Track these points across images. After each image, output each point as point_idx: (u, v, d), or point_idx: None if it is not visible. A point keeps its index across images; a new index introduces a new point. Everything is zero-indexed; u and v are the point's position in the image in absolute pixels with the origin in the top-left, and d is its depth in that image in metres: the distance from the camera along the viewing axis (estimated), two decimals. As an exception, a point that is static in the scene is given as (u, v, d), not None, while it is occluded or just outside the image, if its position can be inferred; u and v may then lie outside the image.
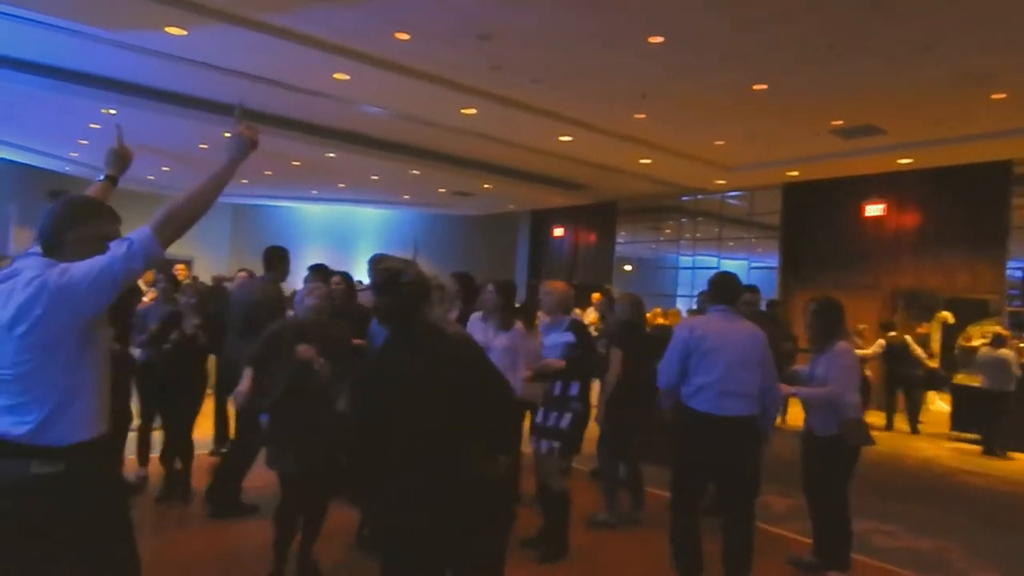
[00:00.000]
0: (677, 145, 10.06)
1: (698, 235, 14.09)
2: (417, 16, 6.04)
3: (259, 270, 5.20)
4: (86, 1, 6.10)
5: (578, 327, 4.12)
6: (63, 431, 1.80)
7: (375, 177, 13.50)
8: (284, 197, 17.57)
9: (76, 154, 12.89)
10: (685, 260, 14.14)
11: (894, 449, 8.15)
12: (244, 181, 14.95)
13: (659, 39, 6.21)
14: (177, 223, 1.88)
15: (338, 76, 7.64)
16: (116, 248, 1.80)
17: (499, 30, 6.26)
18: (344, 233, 18.46)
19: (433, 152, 11.38)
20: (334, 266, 5.47)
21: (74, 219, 1.92)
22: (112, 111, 9.07)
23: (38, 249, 1.95)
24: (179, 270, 8.49)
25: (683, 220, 14.42)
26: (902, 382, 9.58)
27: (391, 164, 11.88)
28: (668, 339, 3.64)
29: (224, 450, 5.43)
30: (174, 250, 2.07)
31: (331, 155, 11.44)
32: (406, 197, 16.08)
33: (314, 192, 16.40)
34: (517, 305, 4.34)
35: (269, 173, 13.86)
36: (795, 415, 8.37)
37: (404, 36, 6.47)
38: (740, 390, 3.39)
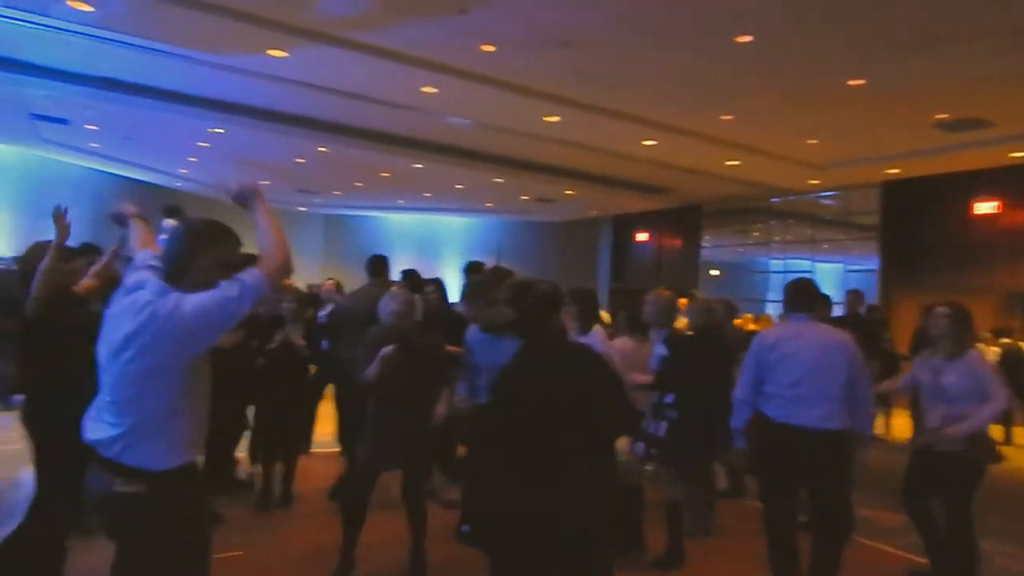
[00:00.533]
0: (767, 145, 9.76)
1: (789, 237, 13.58)
2: (501, 28, 6.17)
3: (349, 278, 5.39)
4: (196, 29, 6.57)
5: (671, 339, 4.11)
6: (149, 455, 1.87)
7: (459, 186, 13.79)
8: (373, 207, 18.21)
9: (186, 171, 13.85)
10: (776, 264, 13.65)
11: (1014, 463, 7.56)
12: (337, 193, 15.64)
13: (747, 38, 6.07)
14: (286, 270, 2.01)
15: (426, 89, 7.89)
16: (227, 289, 1.85)
17: (581, 37, 6.30)
18: (429, 241, 18.92)
19: (516, 160, 11.53)
20: (421, 273, 5.63)
21: (201, 245, 1.97)
22: (219, 130, 9.72)
23: (155, 263, 2.03)
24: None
25: (772, 222, 13.93)
26: (1020, 392, 8.88)
27: (475, 173, 12.13)
28: (739, 345, 3.57)
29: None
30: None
31: (418, 165, 11.79)
32: (489, 205, 16.33)
33: (401, 201, 16.92)
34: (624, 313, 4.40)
35: (360, 184, 14.42)
36: (900, 426, 7.92)
37: (489, 48, 6.61)
38: (817, 398, 3.25)
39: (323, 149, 10.93)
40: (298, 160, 11.98)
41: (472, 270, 5.23)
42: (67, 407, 2.31)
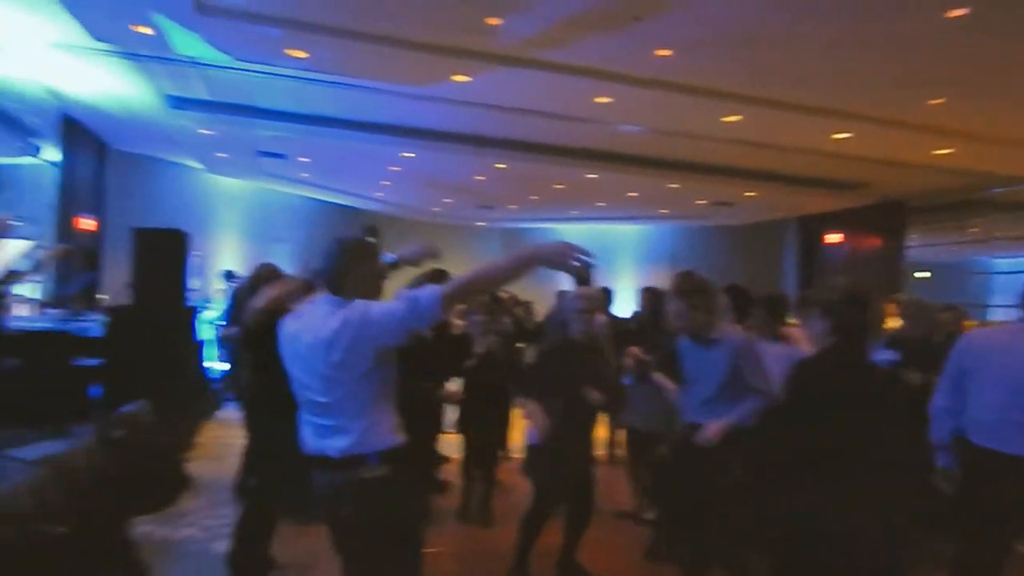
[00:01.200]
0: (987, 129, 8.59)
1: (1017, 232, 11.81)
2: (677, 31, 6.07)
3: (524, 291, 5.48)
4: (391, 65, 7.21)
5: (898, 342, 3.78)
6: (379, 439, 2.12)
7: (633, 193, 13.69)
8: (547, 219, 18.64)
9: (380, 193, 15.16)
10: (1001, 263, 11.94)
11: None
12: (512, 207, 16.23)
13: (961, 11, 5.42)
14: (464, 294, 2.18)
15: (599, 99, 7.97)
16: (407, 303, 2.05)
17: (764, 32, 6.02)
18: (603, 250, 18.93)
19: (692, 164, 11.22)
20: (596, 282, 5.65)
21: (355, 259, 2.22)
22: (410, 154, 10.55)
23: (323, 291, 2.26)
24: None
25: (995, 216, 12.20)
26: None
27: (649, 180, 11.97)
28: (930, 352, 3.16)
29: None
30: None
31: (591, 176, 11.89)
32: (664, 211, 16.01)
33: (574, 212, 17.13)
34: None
35: (535, 198, 14.85)
36: None
37: (665, 52, 6.54)
38: None
39: (501, 165, 11.42)
40: (478, 177, 12.62)
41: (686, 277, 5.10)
42: (278, 410, 2.61)
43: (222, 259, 13.34)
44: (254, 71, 7.75)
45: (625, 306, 8.51)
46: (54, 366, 5.22)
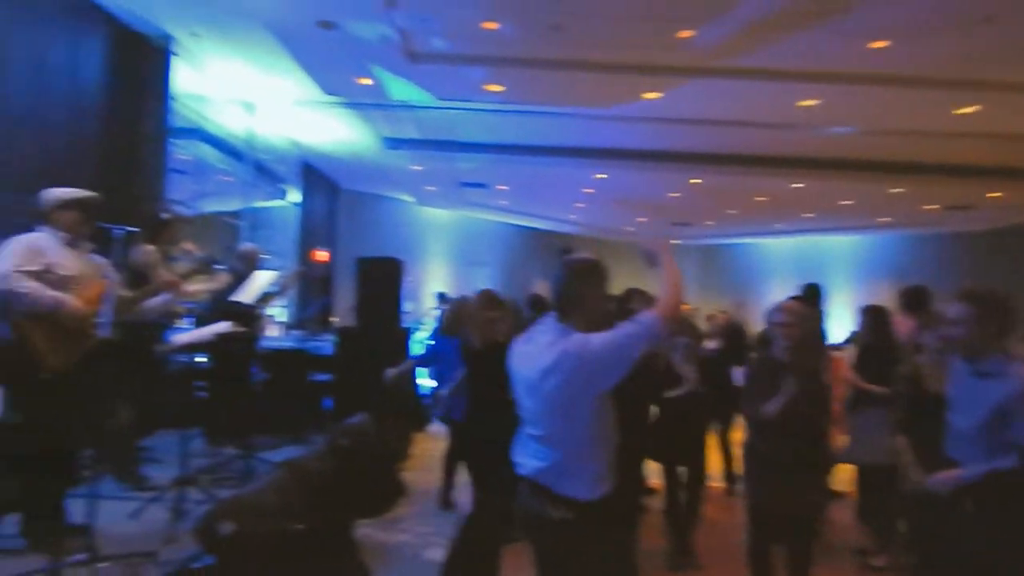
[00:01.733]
0: None
1: None
2: (898, 17, 5.46)
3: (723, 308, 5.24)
4: (582, 89, 7.37)
5: None
6: (577, 485, 2.04)
7: (846, 202, 12.50)
8: (748, 234, 17.66)
9: (574, 216, 15.44)
10: None
11: None
12: (709, 223, 15.63)
13: None
14: (675, 313, 2.11)
15: (803, 103, 7.42)
16: (629, 328, 2.00)
17: (1003, 4, 5.20)
18: (811, 265, 17.43)
19: (918, 165, 9.96)
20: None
21: (592, 280, 2.14)
22: (603, 175, 10.64)
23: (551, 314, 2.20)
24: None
25: None
26: None
27: (864, 185, 10.85)
28: None
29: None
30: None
31: (797, 185, 11.07)
32: (884, 219, 14.39)
33: (778, 225, 16.04)
34: None
35: (733, 212, 14.16)
36: None
37: (881, 43, 5.92)
38: None
39: (696, 181, 11.07)
40: (672, 194, 12.34)
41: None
42: (496, 429, 2.67)
43: (432, 283, 14.45)
44: (456, 108, 8.36)
45: (840, 327, 7.75)
46: (294, 381, 5.99)
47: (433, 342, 9.85)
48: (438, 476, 5.72)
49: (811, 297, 4.87)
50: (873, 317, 4.40)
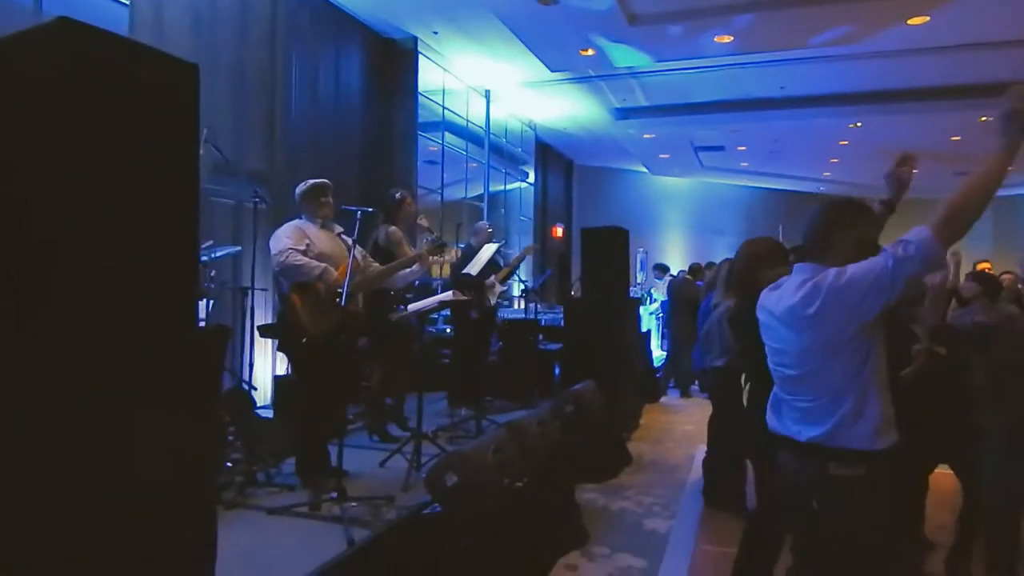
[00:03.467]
0: None
1: None
2: None
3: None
4: (820, 24, 6.52)
5: None
6: (857, 436, 1.80)
7: None
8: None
9: (828, 173, 13.88)
10: None
11: None
12: (1010, 169, 12.93)
13: None
14: (958, 222, 1.69)
15: None
16: (892, 249, 1.72)
17: None
18: None
19: None
20: None
21: (843, 219, 1.92)
22: (857, 124, 9.38)
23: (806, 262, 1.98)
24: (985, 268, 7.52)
25: None
26: None
27: None
28: None
29: None
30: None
31: None
32: None
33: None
34: None
35: (1041, 153, 11.55)
36: None
37: None
38: None
39: (984, 119, 9.20)
40: (953, 138, 10.45)
41: None
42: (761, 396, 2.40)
43: (668, 254, 14.10)
44: (685, 69, 7.97)
45: None
46: (527, 349, 6.30)
47: (663, 315, 9.63)
48: (667, 448, 5.63)
49: None
50: None
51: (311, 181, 3.71)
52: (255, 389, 4.40)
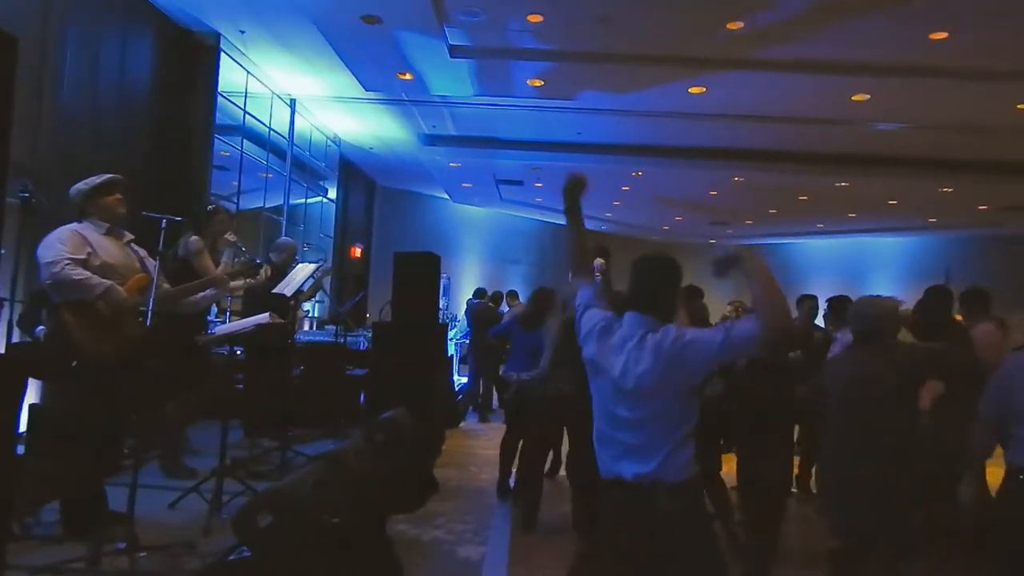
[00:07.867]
0: None
1: None
2: (962, 5, 5.21)
3: None
4: (622, 83, 7.23)
5: None
6: (674, 470, 1.98)
7: (893, 202, 12.10)
8: (788, 234, 17.25)
9: (610, 214, 15.26)
10: None
11: None
12: (749, 222, 15.29)
13: None
14: (775, 317, 1.92)
15: (856, 97, 7.17)
16: (723, 333, 1.95)
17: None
18: (855, 266, 16.96)
19: (972, 163, 9.58)
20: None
21: (671, 278, 2.16)
22: (639, 173, 10.47)
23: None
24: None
25: None
26: None
27: (913, 184, 10.49)
28: None
29: None
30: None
31: (842, 184, 10.75)
32: (932, 220, 13.92)
33: (820, 225, 15.63)
34: None
35: (774, 211, 13.84)
36: None
37: (941, 35, 5.67)
38: None
39: (738, 179, 10.82)
40: (712, 192, 12.10)
41: None
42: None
43: (464, 280, 14.43)
44: (496, 105, 8.30)
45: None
46: (331, 374, 6.00)
47: (465, 340, 9.80)
48: (472, 472, 5.67)
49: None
50: None
51: (99, 177, 3.17)
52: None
